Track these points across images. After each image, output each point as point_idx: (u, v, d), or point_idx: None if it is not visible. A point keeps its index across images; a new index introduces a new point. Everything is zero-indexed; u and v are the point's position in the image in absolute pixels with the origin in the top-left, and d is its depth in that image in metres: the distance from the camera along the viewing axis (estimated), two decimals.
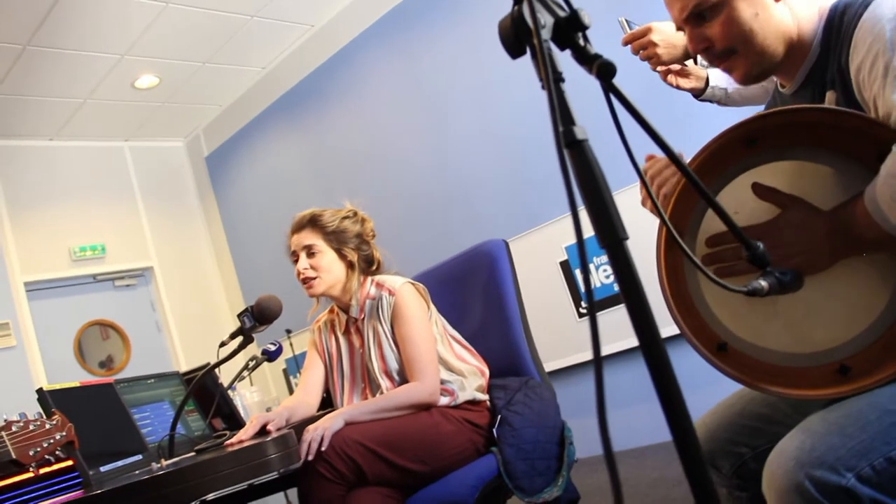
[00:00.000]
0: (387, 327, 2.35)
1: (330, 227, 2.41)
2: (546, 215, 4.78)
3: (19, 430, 1.49)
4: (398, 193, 5.63)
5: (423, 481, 2.09)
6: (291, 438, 1.71)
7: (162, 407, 2.47)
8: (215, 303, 7.22)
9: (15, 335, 5.88)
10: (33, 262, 6.25)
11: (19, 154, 6.44)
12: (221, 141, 7.12)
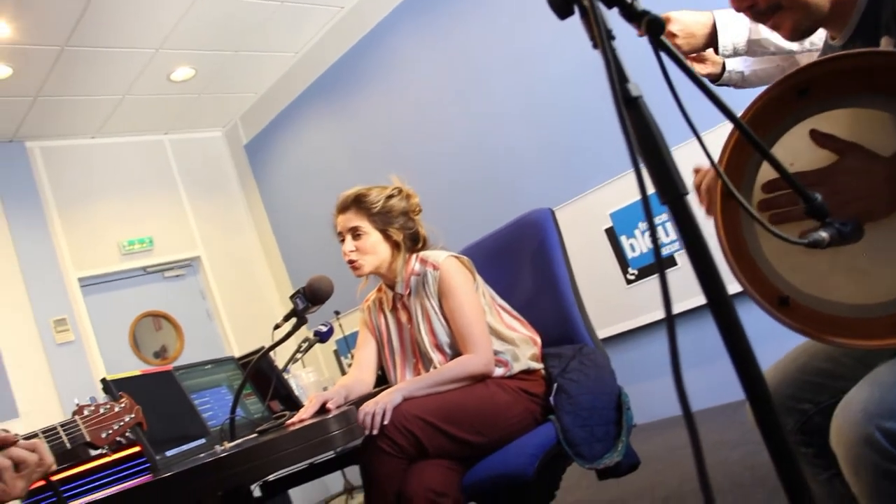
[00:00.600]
0: (434, 302, 2.35)
1: (375, 208, 2.41)
2: (588, 183, 4.75)
3: (91, 413, 1.53)
4: (439, 169, 5.63)
5: (482, 452, 2.10)
6: (352, 414, 1.73)
7: (220, 391, 2.51)
8: (263, 287, 7.31)
9: (73, 330, 6.03)
10: (85, 258, 6.39)
11: (64, 154, 6.57)
12: (259, 128, 7.17)
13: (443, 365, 2.26)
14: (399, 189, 2.49)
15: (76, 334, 6.05)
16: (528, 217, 2.48)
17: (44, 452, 1.32)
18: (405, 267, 2.42)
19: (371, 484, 2.00)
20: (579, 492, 3.65)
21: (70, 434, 1.45)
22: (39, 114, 6.04)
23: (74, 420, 1.48)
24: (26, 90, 5.66)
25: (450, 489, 1.95)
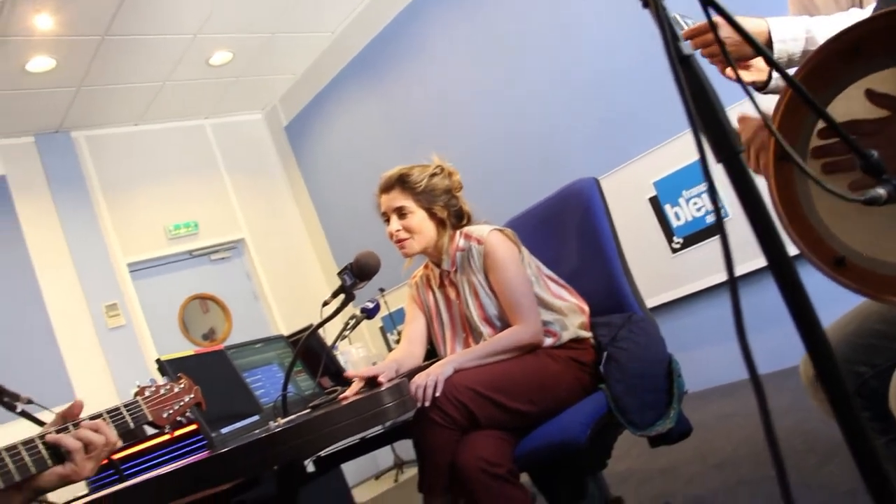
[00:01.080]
0: (480, 276, 2.36)
1: (419, 187, 2.41)
2: (630, 152, 4.70)
3: (152, 394, 1.57)
4: (480, 144, 5.61)
5: (534, 422, 2.11)
6: (405, 386, 1.74)
7: (271, 369, 2.54)
8: (307, 267, 7.38)
9: (124, 315, 6.16)
10: (132, 243, 6.51)
11: (108, 141, 6.67)
12: (298, 109, 7.21)
13: (493, 336, 2.27)
14: (441, 167, 2.49)
15: (127, 318, 6.18)
16: (573, 187, 2.46)
17: (109, 433, 1.36)
18: (450, 244, 2.42)
19: (424, 456, 2.03)
20: (629, 460, 3.65)
21: (133, 414, 1.48)
22: (83, 104, 6.13)
23: (136, 401, 1.52)
24: (70, 81, 5.75)
25: (503, 459, 1.96)
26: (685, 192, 4.48)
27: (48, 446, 1.28)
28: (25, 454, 1.25)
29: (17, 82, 5.51)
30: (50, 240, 6.12)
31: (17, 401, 2.04)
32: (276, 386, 2.43)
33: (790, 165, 1.21)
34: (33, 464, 1.25)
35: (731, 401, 4.12)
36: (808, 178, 1.09)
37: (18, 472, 1.23)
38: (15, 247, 5.95)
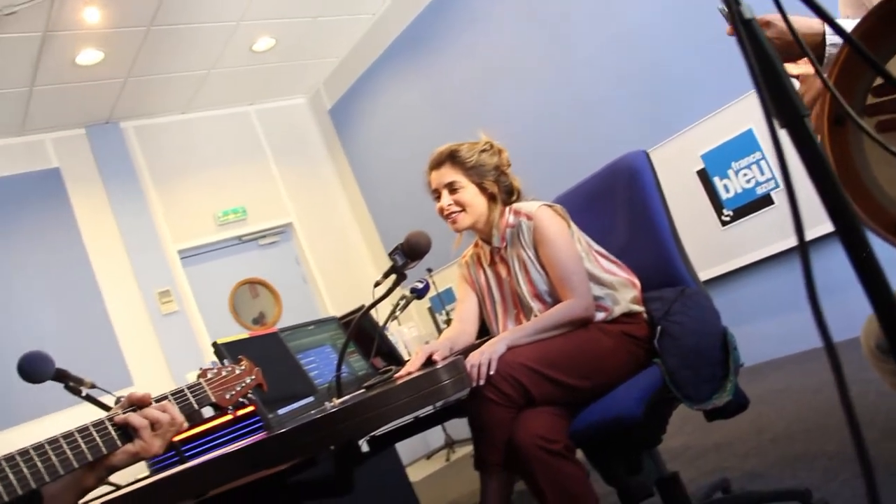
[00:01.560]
0: (530, 252, 2.35)
1: (469, 162, 2.42)
2: (678, 125, 4.64)
3: (214, 376, 1.60)
4: (526, 120, 5.57)
5: (588, 398, 2.10)
6: (461, 364, 1.74)
7: (324, 351, 2.57)
8: (355, 249, 7.43)
9: (177, 301, 6.27)
10: (182, 230, 6.62)
11: (156, 131, 6.78)
12: (342, 92, 7.23)
13: (545, 312, 2.27)
14: (490, 144, 2.49)
15: (180, 304, 6.30)
16: (622, 161, 2.44)
17: (174, 412, 1.40)
18: (500, 220, 2.42)
19: (480, 434, 2.03)
20: (683, 436, 3.63)
21: (196, 396, 1.52)
22: (131, 94, 6.23)
23: (200, 383, 1.55)
24: (117, 73, 5.84)
25: (558, 435, 1.96)
26: (734, 163, 4.41)
27: (117, 427, 1.33)
28: (96, 435, 1.30)
29: (67, 76, 5.61)
30: (103, 229, 6.25)
31: (82, 385, 2.11)
32: (330, 367, 2.45)
33: (845, 130, 1.19)
34: (103, 444, 1.30)
35: (783, 375, 4.06)
36: (864, 146, 1.07)
37: (91, 452, 1.28)
38: (71, 238, 6.09)
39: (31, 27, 4.90)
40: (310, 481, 2.08)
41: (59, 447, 1.24)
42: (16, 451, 1.18)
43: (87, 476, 1.34)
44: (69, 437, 1.27)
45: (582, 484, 1.95)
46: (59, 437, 1.25)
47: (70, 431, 1.27)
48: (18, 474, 1.18)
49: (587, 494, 1.95)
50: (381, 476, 2.59)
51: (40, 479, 1.20)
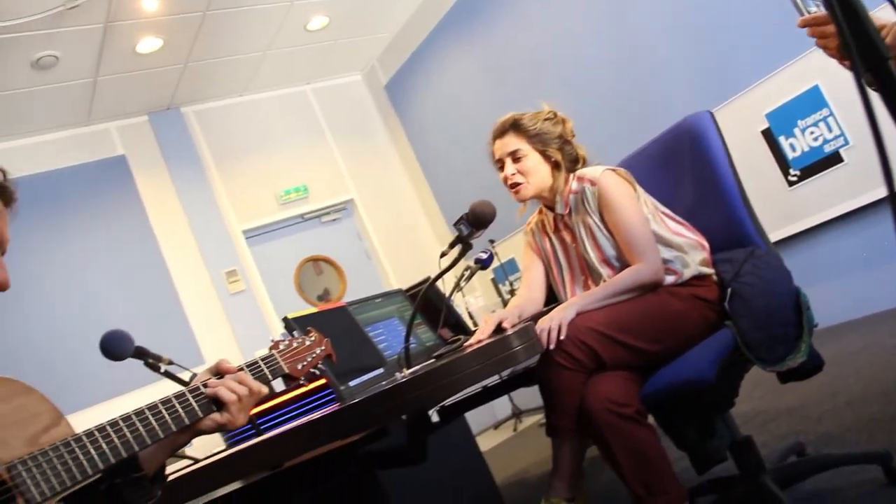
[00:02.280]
0: (595, 217, 2.34)
1: (532, 130, 2.40)
2: (740, 85, 4.54)
3: (285, 347, 1.63)
4: (586, 87, 5.49)
5: (659, 361, 2.09)
6: (532, 330, 1.75)
7: (392, 323, 2.60)
8: (416, 222, 7.47)
9: (243, 280, 6.40)
10: (246, 211, 6.74)
11: (217, 114, 6.89)
12: (397, 67, 7.23)
13: (613, 277, 2.26)
14: (553, 113, 2.47)
15: (246, 283, 6.43)
16: (686, 122, 2.39)
17: (252, 383, 1.44)
18: (564, 187, 2.40)
19: (551, 399, 2.04)
20: (753, 402, 3.58)
21: (270, 367, 1.56)
22: (190, 79, 6.33)
23: (272, 354, 1.59)
24: (177, 59, 5.94)
25: (630, 399, 1.96)
26: (800, 121, 4.30)
27: (205, 396, 1.39)
28: (192, 400, 1.38)
29: (129, 65, 5.73)
30: (169, 213, 6.40)
31: (160, 362, 2.17)
32: (398, 339, 2.48)
33: None
34: (199, 408, 1.38)
35: (857, 337, 3.97)
36: None
37: (188, 416, 1.36)
38: (139, 222, 6.25)
39: (93, 19, 5.00)
40: (382, 451, 2.12)
41: (158, 412, 1.32)
42: (119, 417, 1.25)
43: (179, 437, 1.41)
44: (167, 402, 1.34)
45: (654, 448, 1.95)
46: (157, 403, 1.32)
47: (168, 397, 1.34)
48: (122, 438, 1.24)
49: (660, 459, 1.95)
50: (451, 446, 2.62)
51: (142, 443, 1.27)
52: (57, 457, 1.15)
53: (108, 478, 1.32)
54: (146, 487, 1.40)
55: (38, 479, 1.12)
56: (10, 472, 1.11)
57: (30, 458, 1.13)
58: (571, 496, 2.08)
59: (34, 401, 1.20)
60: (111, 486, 1.35)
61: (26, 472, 1.11)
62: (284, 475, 1.97)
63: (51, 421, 1.20)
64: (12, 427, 1.15)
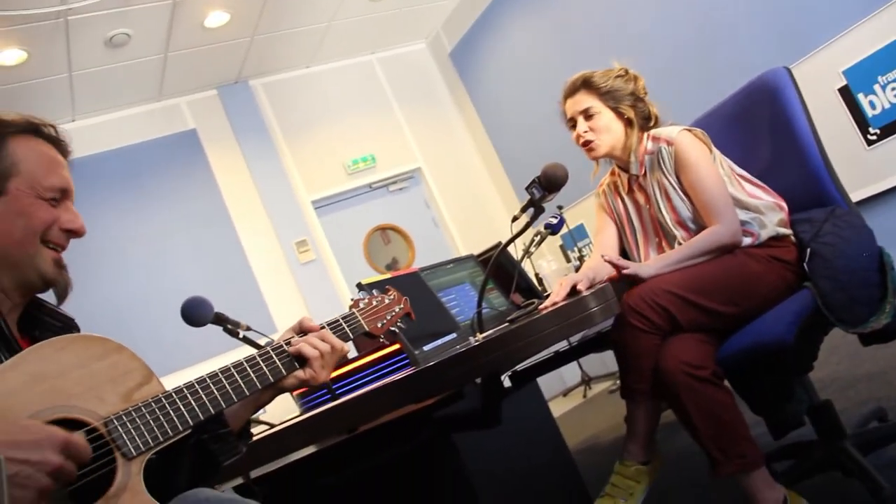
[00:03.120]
0: (671, 178, 2.30)
1: (604, 88, 2.37)
2: (815, 41, 4.39)
3: (365, 306, 1.66)
4: (655, 46, 5.35)
5: (736, 324, 2.06)
6: (609, 291, 1.74)
7: (464, 288, 2.61)
8: (484, 189, 7.45)
9: (313, 250, 6.50)
10: (315, 181, 6.82)
11: (284, 86, 6.96)
12: (462, 34, 7.17)
13: (688, 240, 2.22)
14: (625, 70, 2.44)
15: (316, 253, 6.52)
16: (761, 80, 2.32)
17: (334, 340, 1.48)
18: (638, 146, 2.37)
19: (626, 362, 2.03)
20: (830, 367, 3.51)
21: (350, 325, 1.58)
22: (258, 53, 6.40)
23: (353, 312, 1.61)
24: (243, 32, 6.01)
25: (706, 361, 1.93)
26: (881, 77, 4.14)
27: (288, 354, 1.43)
28: (276, 358, 1.42)
29: (197, 39, 5.82)
30: (240, 185, 6.53)
31: (238, 328, 2.23)
32: (470, 304, 2.49)
33: None
34: (283, 366, 1.42)
35: None
36: None
37: (272, 374, 1.40)
38: (211, 194, 6.40)
39: None
40: (456, 415, 2.14)
41: (243, 370, 1.36)
42: (206, 375, 1.30)
43: (262, 394, 1.46)
44: (252, 360, 1.38)
45: (731, 411, 1.92)
46: (242, 361, 1.37)
47: (252, 356, 1.39)
48: (210, 395, 1.29)
49: (737, 422, 1.93)
50: (524, 411, 2.63)
51: (229, 400, 1.32)
52: (149, 412, 1.20)
53: (195, 433, 1.38)
54: (232, 443, 1.45)
55: (132, 434, 1.17)
56: (107, 427, 1.16)
57: (124, 413, 1.18)
58: (646, 459, 2.07)
59: (126, 359, 1.24)
60: (199, 442, 1.40)
61: (122, 427, 1.16)
62: (359, 439, 2.00)
63: (143, 378, 1.24)
64: (107, 384, 1.20)
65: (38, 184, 1.33)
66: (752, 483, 1.90)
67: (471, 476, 2.21)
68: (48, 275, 1.35)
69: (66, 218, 1.37)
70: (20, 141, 1.34)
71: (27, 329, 1.38)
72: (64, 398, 1.14)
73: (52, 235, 1.35)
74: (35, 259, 1.33)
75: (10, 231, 1.30)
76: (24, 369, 1.13)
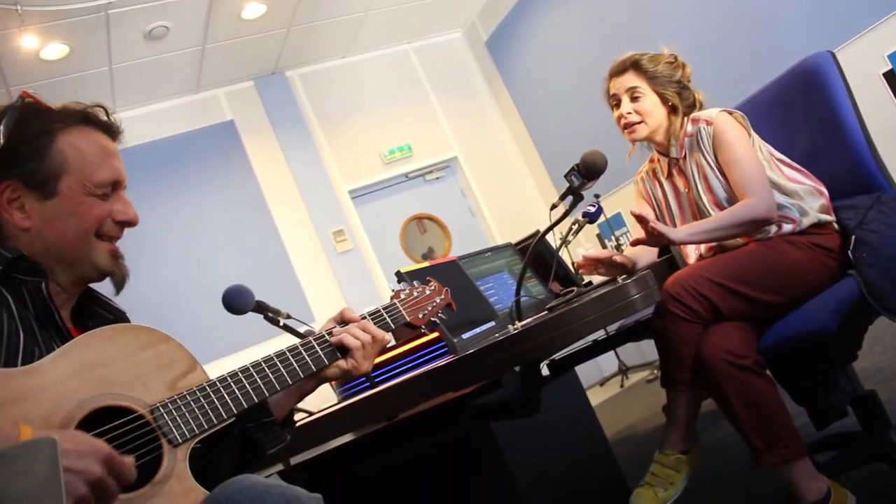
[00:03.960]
0: (710, 157, 2.28)
1: (652, 72, 2.36)
2: (858, 25, 4.30)
3: (406, 296, 1.67)
4: (694, 33, 5.27)
5: (778, 312, 2.03)
6: (650, 278, 1.72)
7: (502, 277, 2.60)
8: (520, 178, 7.42)
9: (350, 239, 6.53)
10: (351, 171, 6.85)
11: (320, 77, 6.99)
12: (497, 22, 7.13)
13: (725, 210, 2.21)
14: (674, 56, 2.42)
15: (354, 243, 6.55)
16: (805, 64, 2.28)
17: (375, 331, 1.49)
18: (680, 131, 2.35)
19: (667, 350, 2.02)
20: (873, 357, 3.45)
21: (392, 315, 1.59)
22: (294, 44, 6.42)
23: (394, 303, 1.62)
24: (280, 23, 6.03)
25: (748, 350, 1.91)
26: None
27: (330, 344, 1.45)
28: (318, 348, 1.43)
29: (234, 31, 5.86)
30: (278, 175, 6.57)
31: (279, 316, 2.25)
32: (508, 293, 2.48)
33: None
34: (325, 356, 1.44)
35: None
36: None
37: (314, 363, 1.41)
38: (248, 185, 6.45)
39: None
40: (495, 404, 2.14)
41: (286, 359, 1.38)
42: (249, 364, 1.32)
43: (305, 383, 1.47)
44: (294, 350, 1.40)
45: (774, 400, 1.90)
46: (285, 351, 1.39)
47: (295, 345, 1.41)
48: (254, 384, 1.31)
49: (779, 411, 1.91)
50: (562, 400, 2.62)
51: (272, 389, 1.34)
52: (194, 401, 1.22)
53: (240, 422, 1.40)
54: (276, 431, 1.47)
55: (178, 422, 1.19)
56: (153, 414, 1.18)
57: (170, 401, 1.20)
58: (686, 448, 2.06)
59: (171, 349, 1.26)
60: (244, 430, 1.42)
61: (167, 415, 1.19)
62: (398, 427, 2.01)
63: (187, 367, 1.26)
64: (153, 373, 1.22)
65: (89, 180, 1.33)
66: (794, 474, 1.88)
67: (509, 464, 2.22)
68: (105, 268, 1.37)
69: (118, 209, 1.38)
70: (70, 134, 1.34)
71: (80, 320, 1.41)
72: (111, 386, 1.17)
73: (106, 229, 1.37)
74: (91, 255, 1.35)
75: (64, 232, 1.32)
76: (74, 357, 1.16)
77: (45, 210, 1.31)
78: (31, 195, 1.31)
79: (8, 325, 1.21)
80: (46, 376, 1.12)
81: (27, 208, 1.30)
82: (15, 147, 1.30)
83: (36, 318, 1.27)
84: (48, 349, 1.22)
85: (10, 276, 1.27)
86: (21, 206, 1.31)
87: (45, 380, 1.11)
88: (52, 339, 1.27)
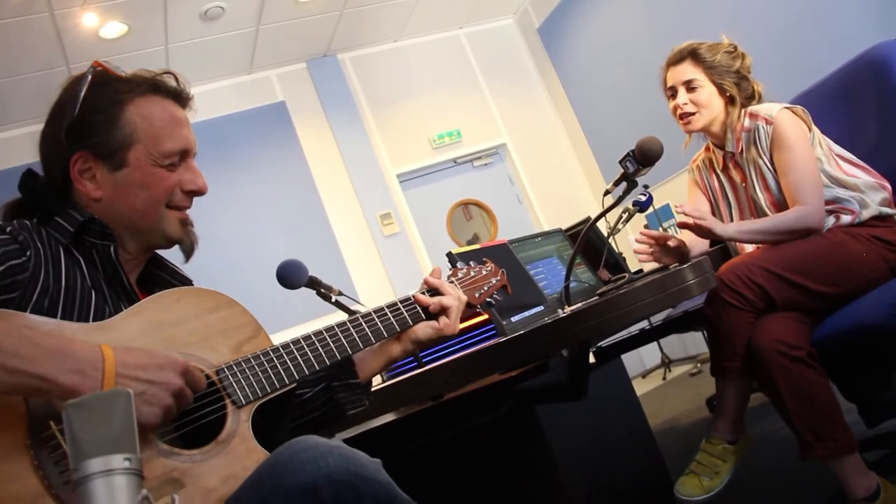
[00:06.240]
0: (766, 158, 2.25)
1: (710, 62, 2.33)
2: None
3: (464, 275, 1.68)
4: (751, 22, 5.18)
5: (834, 304, 2.01)
6: (707, 264, 1.71)
7: (551, 262, 2.60)
8: (568, 166, 7.39)
9: (398, 222, 6.57)
10: (400, 155, 6.87)
11: (371, 60, 7.01)
12: (550, 9, 7.08)
13: (776, 215, 2.18)
14: (734, 46, 2.38)
15: (400, 226, 6.58)
16: (870, 53, 2.24)
17: (461, 293, 1.54)
18: (736, 124, 2.32)
19: (718, 338, 2.01)
20: None
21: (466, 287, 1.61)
22: (346, 26, 6.45)
23: (452, 281, 1.63)
24: (333, 6, 6.07)
25: (801, 341, 1.90)
26: None
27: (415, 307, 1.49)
28: (404, 310, 1.48)
29: (288, 13, 5.91)
30: (327, 157, 6.62)
31: (331, 292, 2.28)
32: (558, 278, 2.48)
33: None
34: (410, 317, 1.48)
35: None
36: None
37: (398, 324, 1.46)
38: (298, 166, 6.51)
39: None
40: (541, 387, 2.15)
41: (371, 320, 1.43)
42: (334, 323, 1.37)
43: (393, 346, 1.51)
44: (380, 311, 1.45)
45: (825, 393, 1.88)
46: (371, 312, 1.43)
47: (381, 306, 1.45)
48: (337, 342, 1.36)
49: (830, 404, 1.88)
50: (607, 388, 2.61)
51: (356, 347, 1.38)
52: (258, 365, 1.25)
53: (326, 378, 1.43)
54: (359, 394, 1.50)
55: (242, 384, 1.22)
56: (219, 375, 1.21)
57: (235, 364, 1.23)
58: (734, 438, 2.05)
59: (237, 313, 1.29)
60: (328, 387, 1.45)
61: (233, 377, 1.22)
62: (444, 407, 2.02)
63: (252, 332, 1.29)
64: (219, 335, 1.25)
65: (158, 150, 1.35)
66: (843, 468, 1.86)
67: (552, 448, 2.22)
68: (175, 236, 1.40)
69: (187, 178, 1.42)
70: (139, 104, 1.36)
71: (146, 285, 1.44)
72: (180, 345, 1.20)
73: (176, 199, 1.40)
74: (161, 224, 1.37)
75: (133, 203, 1.34)
76: (144, 317, 1.20)
77: (116, 180, 1.33)
78: (102, 166, 1.33)
79: (81, 283, 1.25)
80: (118, 332, 1.16)
81: (98, 179, 1.33)
82: (86, 118, 1.32)
83: (105, 280, 1.30)
84: (116, 310, 1.26)
85: (81, 238, 1.30)
86: (92, 176, 1.33)
87: (117, 336, 1.15)
88: (121, 301, 1.30)
